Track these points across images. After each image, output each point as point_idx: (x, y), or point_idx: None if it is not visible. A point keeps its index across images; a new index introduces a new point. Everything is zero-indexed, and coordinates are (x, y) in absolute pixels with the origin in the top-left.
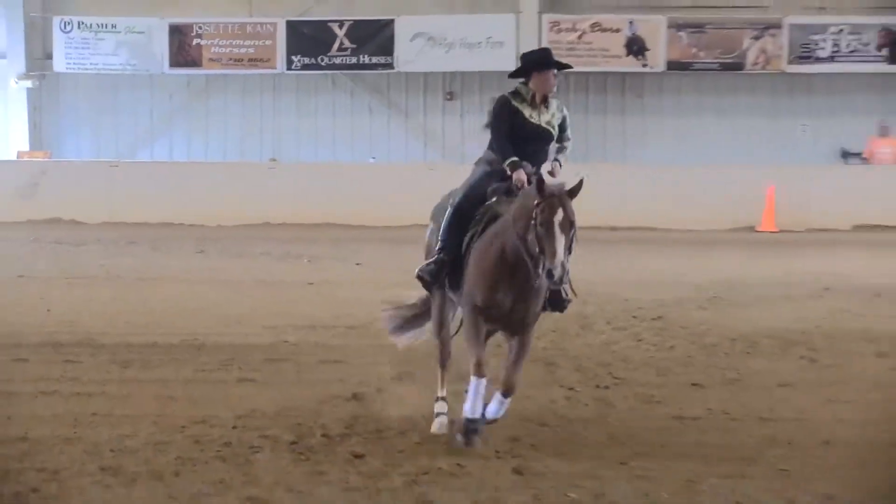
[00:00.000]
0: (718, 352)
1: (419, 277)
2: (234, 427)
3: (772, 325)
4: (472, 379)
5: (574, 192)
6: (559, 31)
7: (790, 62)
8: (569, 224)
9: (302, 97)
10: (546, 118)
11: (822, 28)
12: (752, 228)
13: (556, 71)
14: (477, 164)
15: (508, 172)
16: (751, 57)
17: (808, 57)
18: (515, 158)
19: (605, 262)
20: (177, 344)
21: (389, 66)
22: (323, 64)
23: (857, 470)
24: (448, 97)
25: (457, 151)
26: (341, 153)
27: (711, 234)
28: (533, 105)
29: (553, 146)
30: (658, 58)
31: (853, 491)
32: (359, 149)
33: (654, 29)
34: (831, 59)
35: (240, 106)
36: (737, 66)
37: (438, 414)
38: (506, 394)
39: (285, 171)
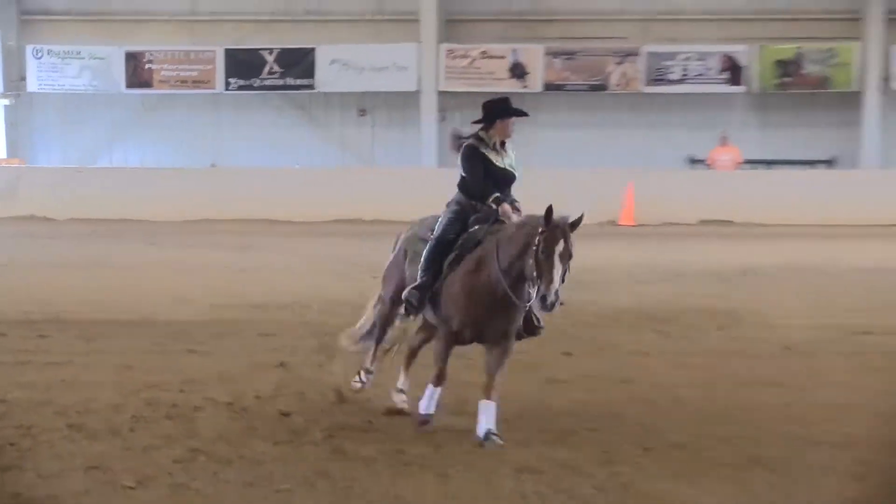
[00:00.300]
0: (586, 326)
1: (406, 300)
2: (180, 391)
3: (630, 304)
4: (430, 386)
5: (575, 225)
6: (454, 57)
7: (647, 84)
8: (568, 255)
9: (238, 113)
10: (508, 161)
11: (673, 55)
12: (614, 223)
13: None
14: (448, 206)
15: (495, 207)
16: (614, 79)
17: (662, 79)
18: (498, 195)
19: None
20: (134, 321)
21: (311, 86)
22: (255, 85)
23: (701, 423)
24: (360, 113)
25: (367, 158)
26: (271, 159)
27: (580, 227)
28: (495, 150)
29: None
30: (536, 80)
31: (698, 438)
32: (286, 156)
33: (533, 56)
34: (681, 81)
35: (185, 120)
36: (602, 87)
37: (358, 381)
38: (489, 397)
39: (224, 175)
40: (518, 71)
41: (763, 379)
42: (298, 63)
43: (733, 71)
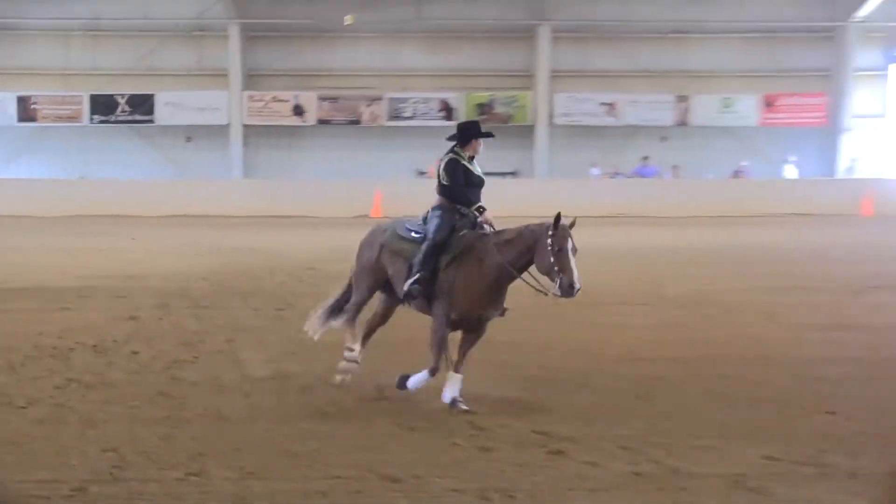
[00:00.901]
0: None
1: (408, 293)
2: (59, 337)
3: None
4: (424, 375)
5: (572, 225)
6: (253, 101)
7: (388, 120)
8: (575, 249)
9: (99, 140)
10: (480, 171)
11: (406, 100)
12: (367, 216)
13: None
14: (434, 209)
15: (478, 215)
16: (365, 117)
17: (399, 116)
18: (481, 204)
19: (284, 237)
20: (24, 288)
21: (152, 121)
22: (111, 120)
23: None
24: (187, 140)
25: (192, 172)
26: (124, 173)
27: (343, 219)
28: (469, 162)
29: None
30: (312, 117)
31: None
32: (134, 170)
33: (309, 100)
34: (412, 117)
35: (62, 145)
36: (357, 122)
37: (347, 360)
38: (458, 370)
39: (90, 185)
40: (299, 110)
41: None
42: (143, 105)
43: (447, 111)
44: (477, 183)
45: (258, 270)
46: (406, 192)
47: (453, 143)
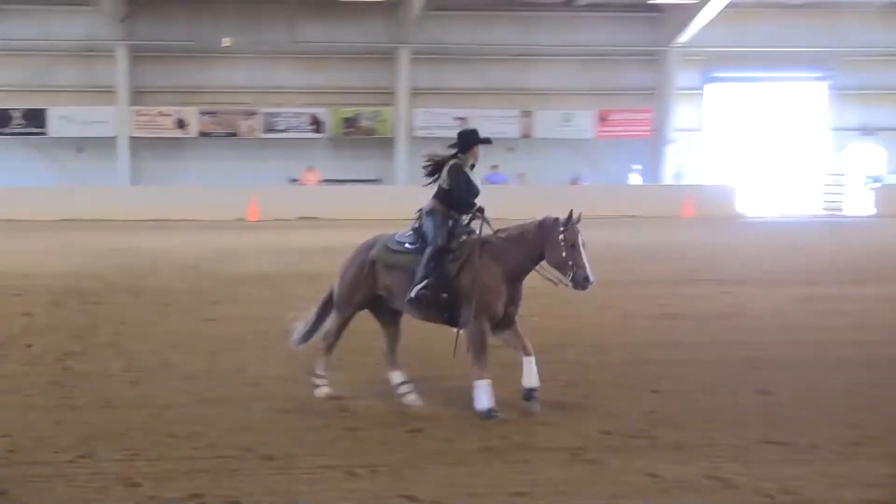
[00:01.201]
0: (229, 283)
1: (417, 299)
2: None
3: (254, 269)
4: (483, 383)
5: (578, 220)
6: (140, 115)
7: (264, 132)
8: (584, 244)
9: None
10: (478, 180)
11: (279, 114)
12: (243, 220)
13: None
14: (428, 213)
15: (480, 215)
16: (242, 129)
17: (273, 129)
18: (482, 207)
19: (168, 239)
20: None
21: (45, 133)
22: (6, 133)
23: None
24: (78, 151)
25: (83, 179)
26: (19, 181)
27: (222, 223)
28: (470, 170)
29: None
30: (193, 130)
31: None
32: (29, 179)
33: (191, 114)
34: (285, 130)
35: None
36: (234, 135)
37: (319, 386)
38: (529, 354)
39: None
40: (181, 124)
41: None
42: (37, 118)
43: (317, 124)
44: (474, 192)
45: (144, 269)
46: (279, 199)
47: (454, 150)
